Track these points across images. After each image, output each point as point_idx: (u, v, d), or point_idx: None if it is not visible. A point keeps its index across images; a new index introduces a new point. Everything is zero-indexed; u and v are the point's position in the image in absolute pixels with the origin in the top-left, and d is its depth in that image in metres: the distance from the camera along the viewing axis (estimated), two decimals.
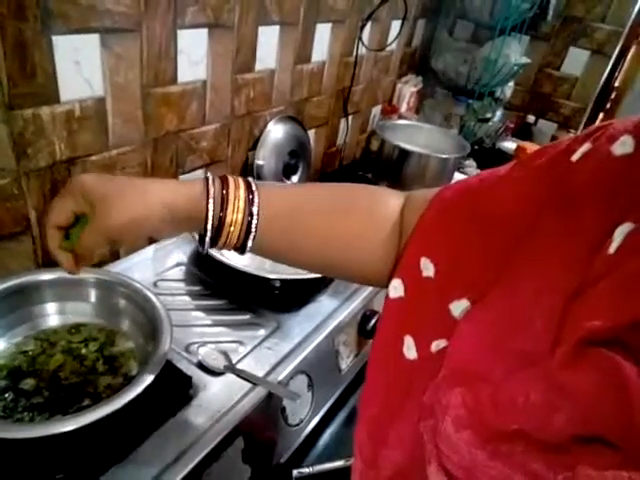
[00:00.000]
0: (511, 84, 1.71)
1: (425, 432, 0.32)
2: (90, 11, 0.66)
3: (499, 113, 1.68)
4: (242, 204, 0.41)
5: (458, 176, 1.40)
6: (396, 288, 0.39)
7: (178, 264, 0.83)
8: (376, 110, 1.55)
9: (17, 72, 0.61)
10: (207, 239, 0.42)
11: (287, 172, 1.14)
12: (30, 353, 0.57)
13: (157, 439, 0.55)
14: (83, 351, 0.58)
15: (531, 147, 1.49)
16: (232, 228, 0.41)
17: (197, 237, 0.44)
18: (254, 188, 0.42)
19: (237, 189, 0.41)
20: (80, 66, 0.69)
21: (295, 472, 0.66)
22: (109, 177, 0.43)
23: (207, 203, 0.41)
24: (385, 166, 1.29)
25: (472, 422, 0.29)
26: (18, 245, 0.71)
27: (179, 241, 0.89)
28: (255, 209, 0.41)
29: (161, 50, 0.78)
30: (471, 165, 1.47)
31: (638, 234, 0.26)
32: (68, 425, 0.45)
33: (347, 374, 0.79)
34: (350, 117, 1.40)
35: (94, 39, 0.69)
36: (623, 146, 0.29)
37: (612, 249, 0.27)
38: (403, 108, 1.55)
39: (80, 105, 0.70)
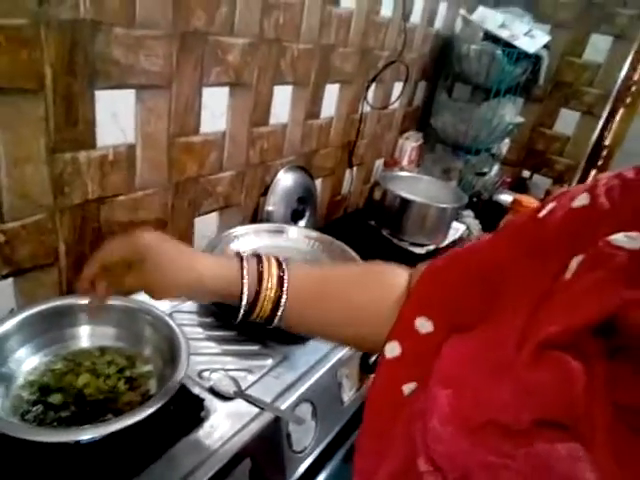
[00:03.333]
0: (507, 141, 1.82)
1: (416, 431, 0.37)
2: (129, 70, 0.75)
3: (496, 168, 1.78)
4: (275, 282, 0.47)
5: (457, 225, 1.47)
6: (393, 349, 0.43)
7: None
8: (379, 163, 1.64)
9: (62, 120, 0.69)
10: (241, 313, 0.48)
11: (295, 217, 1.22)
12: (58, 371, 0.61)
13: (170, 457, 0.59)
14: (106, 371, 0.63)
15: (527, 200, 1.57)
16: (265, 303, 0.47)
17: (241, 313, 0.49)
18: (284, 266, 0.48)
19: (270, 267, 0.48)
20: (116, 117, 0.77)
21: None
22: (165, 240, 0.49)
23: (242, 284, 0.47)
24: (387, 214, 1.37)
25: (455, 418, 0.34)
26: (46, 276, 0.77)
27: None
28: (285, 285, 0.47)
29: (187, 104, 0.87)
30: (469, 215, 1.55)
31: (586, 262, 0.33)
32: (90, 433, 0.50)
33: (349, 407, 0.82)
34: (355, 168, 1.50)
35: (130, 94, 0.78)
36: (580, 200, 0.37)
37: (568, 275, 0.33)
38: (405, 161, 1.65)
39: (114, 151, 0.78)
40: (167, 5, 0.76)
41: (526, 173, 1.97)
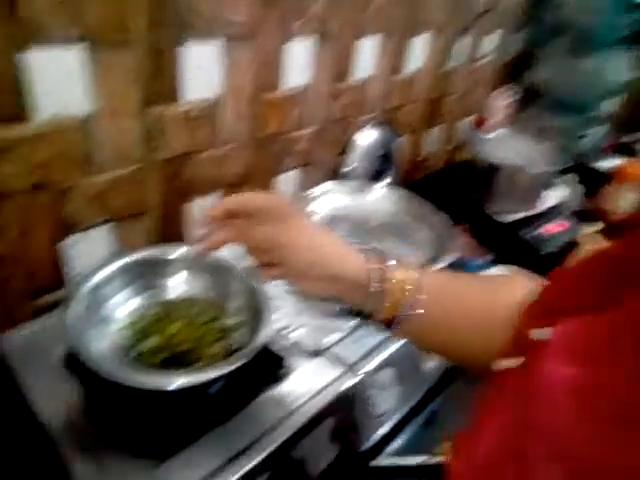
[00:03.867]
0: (615, 99, 1.63)
1: (531, 415, 0.32)
2: (214, 21, 0.73)
3: (599, 129, 1.60)
4: (407, 282, 0.46)
5: (552, 193, 1.35)
6: (509, 362, 0.40)
7: None
8: (467, 121, 1.54)
9: (152, 74, 0.69)
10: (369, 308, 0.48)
11: (375, 177, 1.17)
12: (153, 317, 0.63)
13: (250, 411, 0.59)
14: (197, 321, 0.64)
15: (635, 166, 1.40)
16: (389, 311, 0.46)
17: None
18: (413, 269, 0.47)
19: (401, 269, 0.46)
20: (202, 70, 0.76)
21: (373, 462, 0.67)
22: (304, 212, 0.49)
23: (369, 284, 0.46)
24: (474, 178, 1.28)
25: (580, 405, 0.29)
26: (140, 225, 0.80)
27: None
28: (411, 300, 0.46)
29: (271, 57, 0.84)
30: (568, 180, 1.41)
31: None
32: (184, 380, 0.50)
33: (431, 375, 0.79)
34: (440, 127, 1.41)
35: (215, 46, 0.76)
36: None
37: None
38: (496, 119, 1.52)
39: (198, 105, 0.78)
40: None
41: (634, 136, 1.76)
